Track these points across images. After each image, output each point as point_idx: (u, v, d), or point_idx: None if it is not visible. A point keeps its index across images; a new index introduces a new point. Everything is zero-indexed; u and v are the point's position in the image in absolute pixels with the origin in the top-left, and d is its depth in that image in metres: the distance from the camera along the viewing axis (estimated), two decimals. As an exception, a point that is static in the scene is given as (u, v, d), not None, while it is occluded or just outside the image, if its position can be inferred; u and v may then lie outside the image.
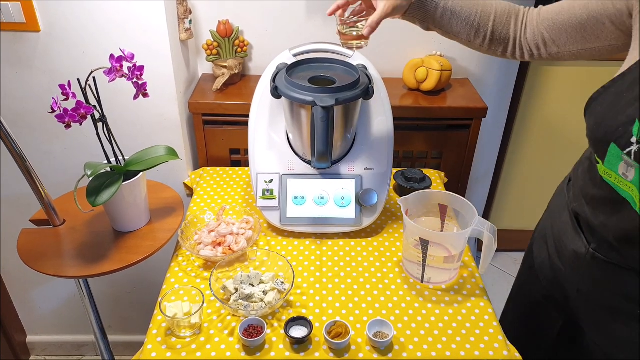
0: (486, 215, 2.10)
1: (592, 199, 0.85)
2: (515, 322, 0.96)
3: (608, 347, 0.91)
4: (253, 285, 0.98)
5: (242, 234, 1.11)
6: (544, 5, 0.89)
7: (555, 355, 1.04)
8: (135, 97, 1.01)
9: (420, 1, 0.91)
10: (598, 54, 0.85)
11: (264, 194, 1.14)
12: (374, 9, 0.92)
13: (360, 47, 0.99)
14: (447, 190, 1.26)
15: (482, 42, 0.93)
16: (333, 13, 0.95)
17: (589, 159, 0.88)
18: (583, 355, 0.97)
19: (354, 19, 0.96)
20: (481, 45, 0.94)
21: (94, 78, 0.97)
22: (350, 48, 1.00)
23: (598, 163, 0.80)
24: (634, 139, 0.70)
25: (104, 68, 0.96)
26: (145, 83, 1.01)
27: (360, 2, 0.95)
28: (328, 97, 0.99)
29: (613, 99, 0.75)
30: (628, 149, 0.71)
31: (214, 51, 1.44)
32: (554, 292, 1.01)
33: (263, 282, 0.99)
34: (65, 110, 0.93)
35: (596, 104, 0.78)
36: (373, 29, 0.91)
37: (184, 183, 1.46)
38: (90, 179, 0.99)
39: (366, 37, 0.94)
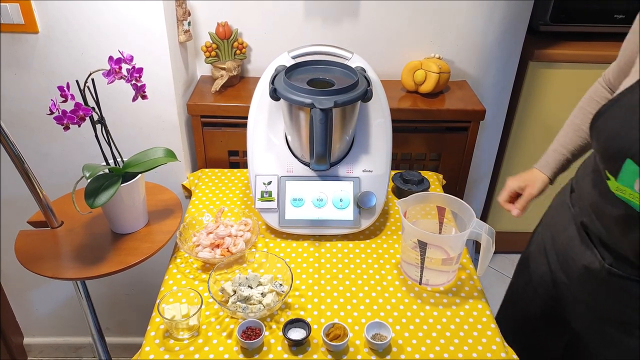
0: (484, 217, 2.11)
1: (604, 215, 0.82)
2: (509, 338, 0.95)
3: None
4: (251, 287, 0.98)
5: (241, 236, 1.11)
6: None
7: None
8: (134, 99, 1.01)
9: (555, 174, 1.05)
10: None
11: (262, 195, 1.14)
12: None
13: None
14: (445, 192, 1.27)
15: None
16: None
17: (594, 172, 0.85)
18: None
19: None
20: None
21: (92, 80, 0.97)
22: None
23: (609, 179, 0.76)
24: None
25: (102, 70, 0.96)
26: (144, 85, 1.01)
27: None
28: (327, 100, 0.99)
29: (625, 113, 0.72)
30: None
31: (213, 53, 1.44)
32: (557, 307, 1.00)
33: (261, 284, 0.99)
34: (64, 111, 0.93)
35: (606, 117, 0.75)
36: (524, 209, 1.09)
37: (183, 185, 1.45)
38: (89, 180, 0.99)
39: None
